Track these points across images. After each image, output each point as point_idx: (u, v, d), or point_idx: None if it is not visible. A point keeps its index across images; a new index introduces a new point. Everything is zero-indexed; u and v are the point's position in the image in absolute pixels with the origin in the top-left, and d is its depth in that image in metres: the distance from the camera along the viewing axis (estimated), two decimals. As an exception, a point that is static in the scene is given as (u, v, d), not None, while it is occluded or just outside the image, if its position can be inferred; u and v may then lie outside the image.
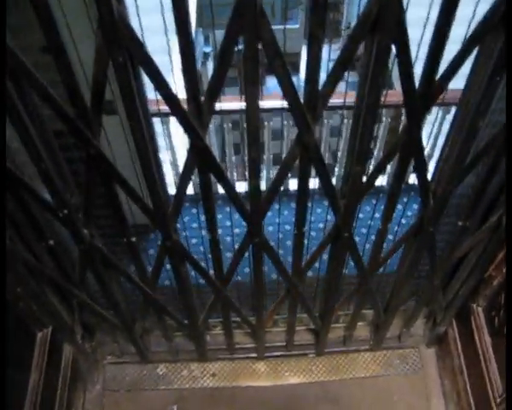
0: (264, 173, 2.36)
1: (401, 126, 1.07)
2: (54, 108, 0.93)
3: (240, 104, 0.96)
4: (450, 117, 1.39)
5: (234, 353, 1.88)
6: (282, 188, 1.16)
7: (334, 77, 0.92)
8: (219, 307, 1.61)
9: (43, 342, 1.60)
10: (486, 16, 0.89)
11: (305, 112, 0.96)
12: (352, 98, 1.05)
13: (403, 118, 1.76)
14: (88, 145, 1.01)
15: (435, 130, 2.13)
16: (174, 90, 0.92)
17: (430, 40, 0.92)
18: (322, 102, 0.96)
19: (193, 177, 1.24)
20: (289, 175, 1.34)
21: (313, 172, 1.09)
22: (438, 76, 0.95)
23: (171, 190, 1.46)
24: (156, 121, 1.95)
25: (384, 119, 2.14)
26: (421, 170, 1.15)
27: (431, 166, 1.23)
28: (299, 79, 4.34)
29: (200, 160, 1.04)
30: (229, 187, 1.11)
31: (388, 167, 2.26)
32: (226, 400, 1.85)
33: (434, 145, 2.17)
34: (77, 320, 1.66)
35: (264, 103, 1.95)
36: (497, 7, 0.87)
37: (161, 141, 2.11)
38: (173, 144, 2.28)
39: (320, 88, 0.93)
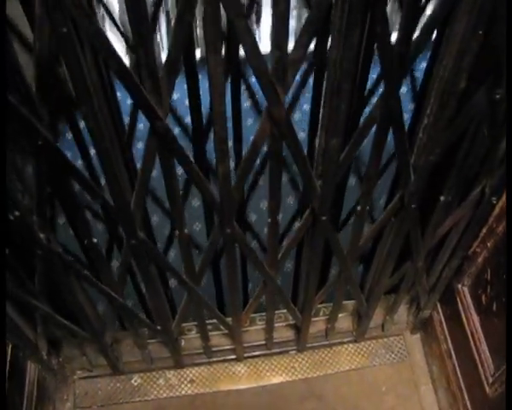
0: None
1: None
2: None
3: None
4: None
5: (211, 356, 1.79)
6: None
7: (305, 40, 0.83)
8: (193, 308, 1.51)
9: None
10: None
11: (274, 81, 0.87)
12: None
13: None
14: (35, 135, 0.90)
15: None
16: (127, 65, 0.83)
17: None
18: (292, 70, 0.87)
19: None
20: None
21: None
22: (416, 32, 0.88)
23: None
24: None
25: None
26: (400, 142, 1.07)
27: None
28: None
29: (161, 143, 0.94)
30: (195, 174, 1.02)
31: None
32: (207, 406, 1.75)
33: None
34: (40, 335, 1.54)
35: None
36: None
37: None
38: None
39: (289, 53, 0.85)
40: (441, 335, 1.74)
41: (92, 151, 1.05)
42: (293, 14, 2.82)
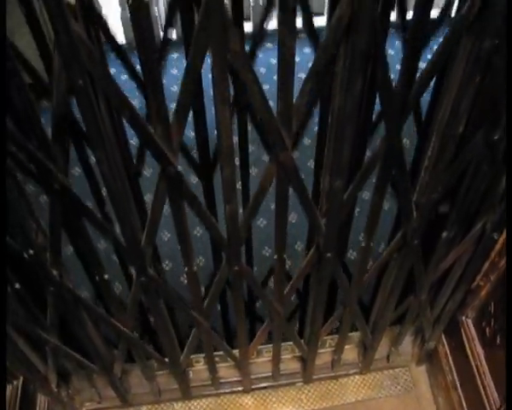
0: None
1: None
2: (11, 138, 0.87)
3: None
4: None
5: (219, 388, 1.80)
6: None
7: (309, 88, 0.87)
8: (201, 340, 1.53)
9: (13, 396, 1.50)
10: (461, 15, 0.86)
11: (279, 127, 0.91)
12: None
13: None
14: (51, 179, 0.94)
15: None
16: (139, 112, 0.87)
17: (407, 41, 0.89)
18: (297, 117, 0.91)
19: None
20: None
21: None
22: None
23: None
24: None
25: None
26: (402, 180, 1.10)
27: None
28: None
29: (171, 186, 0.98)
30: (204, 216, 1.06)
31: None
32: (214, 438, 1.77)
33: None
34: (51, 368, 1.56)
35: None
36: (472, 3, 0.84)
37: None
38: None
39: (294, 100, 0.89)
40: (446, 366, 1.75)
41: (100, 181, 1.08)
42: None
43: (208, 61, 0.80)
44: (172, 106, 0.86)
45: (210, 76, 0.82)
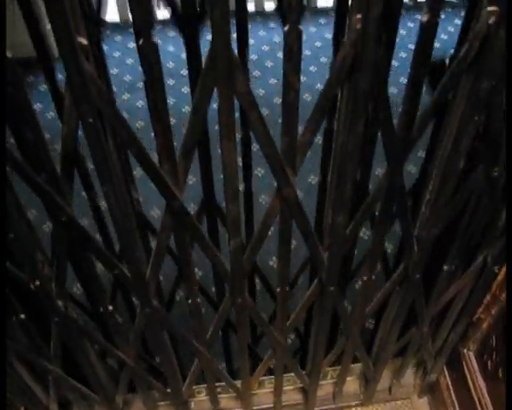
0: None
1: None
2: (20, 172, 0.89)
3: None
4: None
5: (220, 419, 1.80)
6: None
7: (313, 125, 0.90)
8: (203, 371, 1.53)
9: (15, 426, 1.50)
10: (460, 58, 0.89)
11: (284, 164, 0.93)
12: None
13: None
14: (59, 212, 0.96)
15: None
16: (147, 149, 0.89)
17: (406, 84, 0.92)
18: (301, 154, 0.93)
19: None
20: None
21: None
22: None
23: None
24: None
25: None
26: (403, 215, 1.12)
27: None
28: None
29: (177, 220, 1.00)
30: (208, 248, 1.07)
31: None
32: None
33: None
34: (52, 398, 1.56)
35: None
36: (470, 46, 0.87)
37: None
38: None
39: (298, 138, 0.91)
40: (448, 399, 1.75)
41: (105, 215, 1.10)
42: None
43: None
44: (170, 81, 0.88)
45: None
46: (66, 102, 0.84)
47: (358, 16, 0.77)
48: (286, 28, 0.76)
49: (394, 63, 3.48)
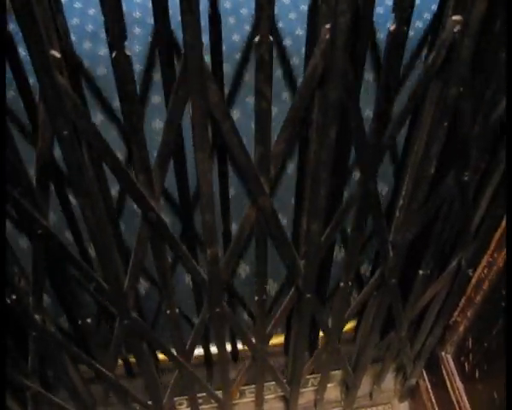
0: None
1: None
2: (-5, 188, 0.89)
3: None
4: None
5: (202, 430, 1.79)
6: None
7: (286, 135, 0.91)
8: (183, 383, 1.53)
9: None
10: (427, 65, 0.91)
11: (258, 175, 0.94)
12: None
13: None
14: (35, 225, 0.96)
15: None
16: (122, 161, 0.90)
17: (376, 90, 0.94)
18: (275, 163, 0.95)
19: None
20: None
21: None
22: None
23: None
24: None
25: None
26: (377, 221, 1.14)
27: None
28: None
29: (153, 230, 1.00)
30: (185, 257, 1.08)
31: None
32: None
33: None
34: (31, 414, 1.55)
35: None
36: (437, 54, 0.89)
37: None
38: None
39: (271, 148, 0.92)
40: (428, 402, 1.77)
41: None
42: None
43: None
44: (136, 30, 0.88)
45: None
46: (40, 114, 0.84)
47: (327, 26, 0.79)
48: (256, 39, 0.78)
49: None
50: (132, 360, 1.74)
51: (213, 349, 1.71)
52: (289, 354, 1.58)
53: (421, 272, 1.33)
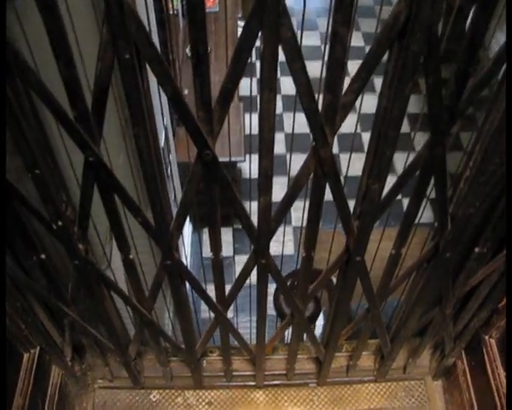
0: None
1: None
2: (52, 108, 0.86)
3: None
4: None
5: (231, 380, 1.79)
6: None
7: (358, 85, 0.85)
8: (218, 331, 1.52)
9: (29, 364, 1.50)
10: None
11: (323, 123, 0.89)
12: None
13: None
14: (87, 151, 0.93)
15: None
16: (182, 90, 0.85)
17: (461, 52, 0.86)
18: (342, 114, 0.89)
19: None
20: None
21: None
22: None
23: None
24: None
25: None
26: (441, 190, 1.07)
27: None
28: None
29: (207, 171, 0.97)
30: (237, 203, 1.04)
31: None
32: (222, 430, 1.76)
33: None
34: (67, 341, 1.56)
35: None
36: None
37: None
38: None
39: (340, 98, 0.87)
40: (464, 384, 1.71)
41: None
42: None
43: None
44: None
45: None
46: (103, 36, 0.80)
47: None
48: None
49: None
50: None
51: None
52: (328, 318, 1.54)
53: (477, 249, 1.27)
